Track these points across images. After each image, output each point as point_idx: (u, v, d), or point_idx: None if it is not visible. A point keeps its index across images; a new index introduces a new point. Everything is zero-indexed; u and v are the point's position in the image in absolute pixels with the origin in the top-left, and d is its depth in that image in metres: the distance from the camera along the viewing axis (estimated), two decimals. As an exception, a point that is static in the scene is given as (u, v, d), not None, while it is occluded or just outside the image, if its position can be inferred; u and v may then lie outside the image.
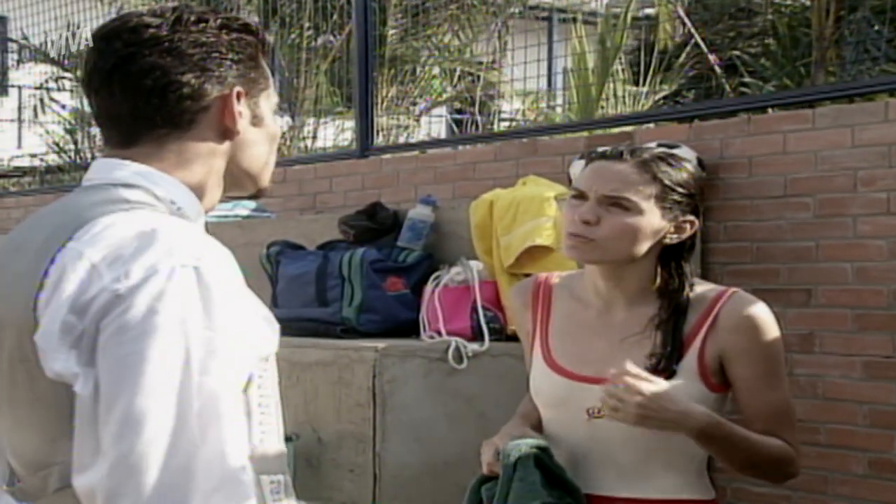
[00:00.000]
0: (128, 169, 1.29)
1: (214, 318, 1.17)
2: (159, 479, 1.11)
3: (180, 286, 1.16)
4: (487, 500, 1.95)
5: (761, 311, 1.96)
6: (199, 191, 1.34)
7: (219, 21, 1.33)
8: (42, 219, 1.31)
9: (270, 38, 1.42)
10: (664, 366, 1.92)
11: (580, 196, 1.96)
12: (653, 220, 1.93)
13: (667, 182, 1.94)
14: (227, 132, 1.33)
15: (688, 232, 1.98)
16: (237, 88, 1.33)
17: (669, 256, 1.98)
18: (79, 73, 9.10)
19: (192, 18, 1.31)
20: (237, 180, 1.38)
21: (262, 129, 1.37)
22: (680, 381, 1.91)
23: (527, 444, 1.91)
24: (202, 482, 1.12)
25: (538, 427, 2.04)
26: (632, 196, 1.92)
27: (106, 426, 1.13)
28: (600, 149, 2.05)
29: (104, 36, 1.32)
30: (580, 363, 1.98)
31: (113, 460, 1.12)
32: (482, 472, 1.98)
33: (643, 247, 1.94)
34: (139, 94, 1.29)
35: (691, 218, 1.98)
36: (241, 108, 1.33)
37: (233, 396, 1.18)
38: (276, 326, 1.31)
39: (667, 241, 1.96)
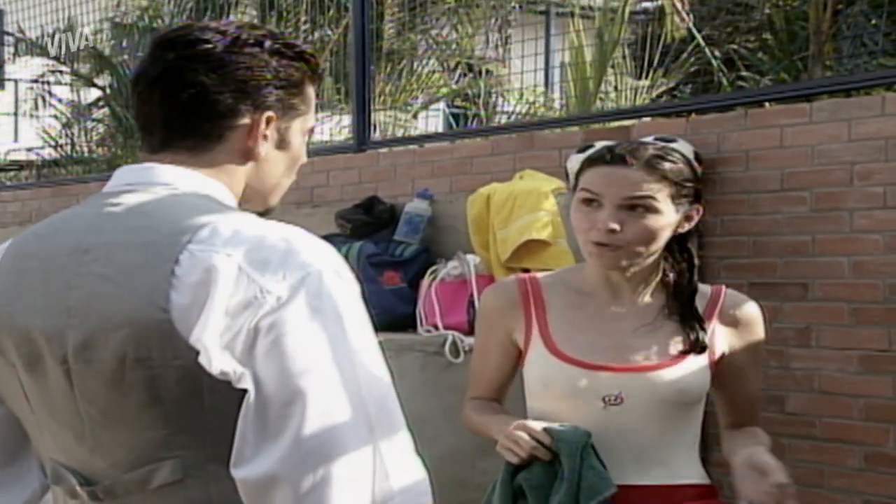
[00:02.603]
0: (185, 174, 1.34)
1: (357, 308, 1.27)
2: (348, 464, 1.19)
3: (331, 285, 1.24)
4: (531, 489, 1.90)
5: (756, 307, 2.07)
6: None
7: (276, 46, 1.38)
8: (111, 220, 1.30)
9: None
10: (699, 340, 1.98)
11: (593, 200, 1.97)
12: (669, 218, 1.97)
13: (676, 179, 1.97)
14: (248, 152, 1.38)
15: (695, 219, 2.03)
16: (268, 113, 1.37)
17: (673, 241, 2.02)
18: (76, 66, 9.10)
19: (250, 41, 1.36)
20: (248, 197, 1.42)
21: (285, 151, 1.42)
22: (697, 369, 1.97)
23: (584, 432, 1.91)
24: (383, 452, 1.21)
25: None
26: (653, 195, 1.94)
27: (282, 421, 1.18)
28: (597, 147, 2.04)
29: (161, 43, 1.37)
30: (592, 352, 1.99)
31: (297, 452, 1.18)
32: (508, 461, 1.95)
33: (662, 244, 1.99)
34: (175, 105, 1.34)
35: (697, 206, 2.02)
36: (269, 132, 1.38)
37: (383, 363, 1.28)
38: None
39: (679, 230, 2.01)
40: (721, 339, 2.02)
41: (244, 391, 1.20)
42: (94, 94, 9.39)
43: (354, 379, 1.22)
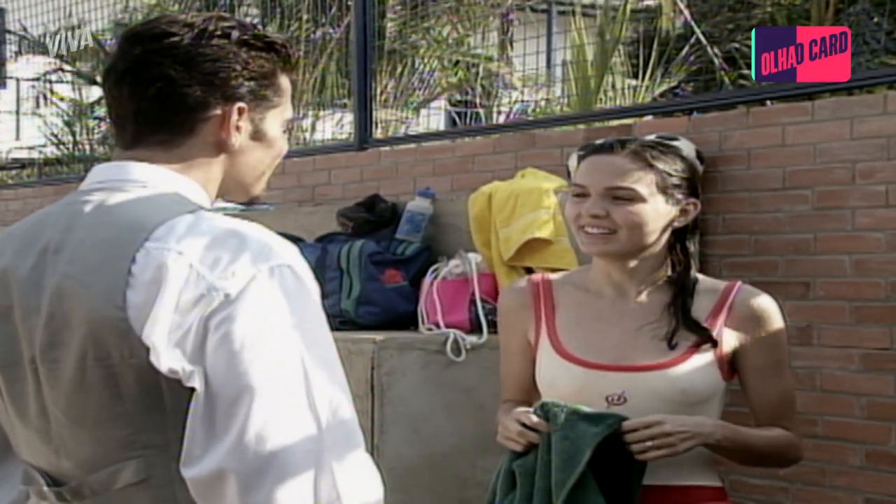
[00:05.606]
0: (156, 172, 1.33)
1: (313, 309, 1.26)
2: (294, 463, 1.18)
3: (284, 284, 1.22)
4: (520, 476, 1.91)
5: (772, 302, 2.05)
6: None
7: (244, 37, 1.36)
8: (79, 219, 1.30)
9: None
10: (702, 333, 1.97)
11: (582, 193, 1.99)
12: (658, 207, 1.98)
13: (662, 168, 1.98)
14: (222, 144, 1.36)
15: (692, 214, 2.03)
16: (239, 104, 1.35)
17: (675, 240, 2.03)
18: (78, 65, 9.10)
19: (217, 32, 1.34)
20: (228, 189, 1.41)
21: (262, 143, 1.40)
22: (702, 367, 1.96)
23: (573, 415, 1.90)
24: (331, 456, 1.20)
25: None
26: (633, 185, 1.95)
27: (229, 419, 1.18)
28: (592, 143, 2.08)
29: (129, 38, 1.36)
30: (595, 352, 2.00)
31: (244, 446, 1.17)
32: (510, 451, 1.96)
33: (655, 234, 1.99)
34: (144, 99, 1.33)
35: (693, 200, 2.03)
36: (242, 123, 1.36)
37: (340, 369, 1.26)
38: None
39: (676, 224, 2.01)
40: (730, 335, 2.00)
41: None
42: (97, 92, 9.39)
43: (304, 377, 1.21)
